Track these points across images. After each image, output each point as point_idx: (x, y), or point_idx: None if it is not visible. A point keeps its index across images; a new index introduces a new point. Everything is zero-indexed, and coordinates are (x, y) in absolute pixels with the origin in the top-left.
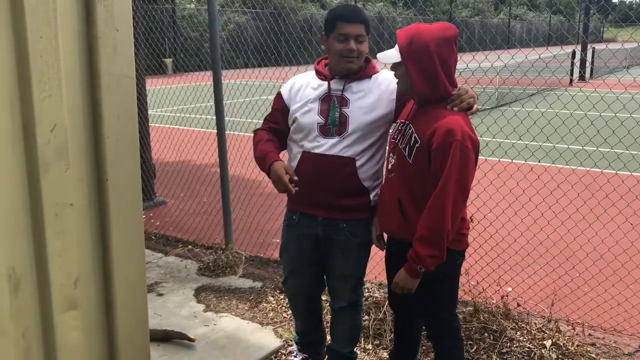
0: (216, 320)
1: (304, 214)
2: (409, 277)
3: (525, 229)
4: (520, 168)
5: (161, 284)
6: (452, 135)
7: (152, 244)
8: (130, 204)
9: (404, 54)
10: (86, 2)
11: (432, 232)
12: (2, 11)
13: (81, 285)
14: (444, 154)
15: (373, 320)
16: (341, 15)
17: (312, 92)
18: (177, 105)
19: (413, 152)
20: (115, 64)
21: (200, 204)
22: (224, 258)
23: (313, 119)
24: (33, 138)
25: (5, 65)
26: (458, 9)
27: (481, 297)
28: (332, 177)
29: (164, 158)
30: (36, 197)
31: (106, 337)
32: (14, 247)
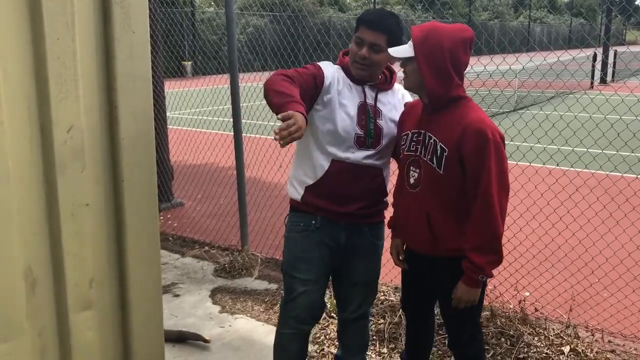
0: (231, 322)
1: (327, 219)
2: (471, 289)
3: (544, 232)
4: (538, 171)
5: (178, 285)
6: (484, 134)
7: (169, 245)
8: (146, 205)
9: (418, 48)
10: (103, 4)
11: (487, 238)
12: (21, 14)
13: (96, 285)
14: (479, 156)
15: (388, 324)
16: (365, 20)
17: (348, 94)
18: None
19: (442, 161)
20: (132, 66)
21: (217, 206)
22: (240, 260)
23: (351, 128)
24: (50, 139)
25: (24, 66)
26: (477, 12)
27: (498, 301)
28: (364, 188)
29: (182, 160)
30: (53, 197)
31: (121, 337)
32: (30, 247)
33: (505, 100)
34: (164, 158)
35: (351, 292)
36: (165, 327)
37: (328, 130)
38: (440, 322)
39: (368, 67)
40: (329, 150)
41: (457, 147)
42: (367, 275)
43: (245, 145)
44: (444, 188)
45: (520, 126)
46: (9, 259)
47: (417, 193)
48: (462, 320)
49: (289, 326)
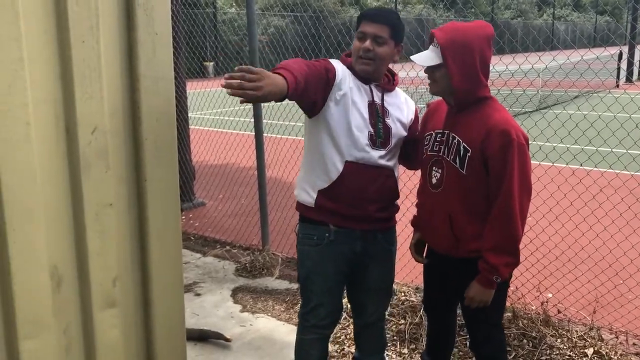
0: (252, 321)
1: (341, 228)
2: (484, 290)
3: (567, 233)
4: (561, 171)
5: (199, 284)
6: (508, 135)
7: (191, 245)
8: (169, 205)
9: (447, 52)
10: (127, 8)
11: (505, 239)
12: (47, 17)
13: (120, 283)
14: (503, 157)
15: (409, 325)
16: (365, 14)
17: (358, 95)
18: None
19: (465, 162)
20: (155, 67)
21: (238, 206)
22: (260, 259)
23: (364, 126)
24: (75, 139)
25: (50, 69)
26: (500, 10)
27: (520, 302)
28: (379, 189)
29: (203, 160)
30: (77, 197)
31: (144, 335)
32: (56, 246)
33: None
34: (185, 158)
35: (366, 298)
36: (187, 326)
37: (342, 129)
38: (461, 322)
39: (372, 60)
40: (343, 151)
41: (481, 147)
42: (382, 281)
43: (266, 145)
44: (466, 188)
45: (543, 126)
46: (36, 258)
47: (439, 193)
48: (481, 321)
49: (310, 332)
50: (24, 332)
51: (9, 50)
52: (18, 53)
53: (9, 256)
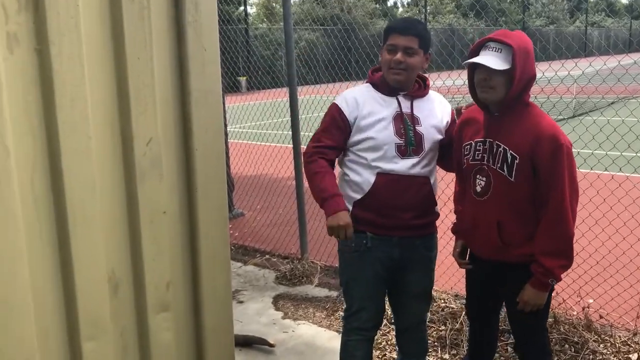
0: (294, 328)
1: (378, 236)
2: (539, 292)
3: (607, 238)
4: (600, 176)
5: (241, 292)
6: (558, 140)
7: (231, 254)
8: (218, 213)
9: (518, 56)
10: (177, 25)
11: (560, 241)
12: (105, 37)
13: (173, 288)
14: (554, 162)
15: (450, 330)
16: (394, 27)
17: (381, 109)
18: (253, 121)
19: (513, 169)
20: (204, 81)
21: (276, 216)
22: (300, 267)
23: (391, 139)
24: (131, 150)
25: (108, 84)
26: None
27: (561, 307)
28: (412, 197)
29: (242, 172)
30: (133, 205)
31: (195, 339)
32: (113, 251)
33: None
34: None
35: (406, 303)
36: None
37: (369, 145)
38: (502, 328)
39: (404, 70)
40: (373, 164)
41: (530, 154)
42: (422, 286)
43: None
44: (514, 195)
45: (580, 132)
46: (95, 263)
47: (485, 201)
48: (529, 325)
49: (354, 334)
50: (86, 333)
51: (72, 68)
52: (80, 71)
53: (71, 261)
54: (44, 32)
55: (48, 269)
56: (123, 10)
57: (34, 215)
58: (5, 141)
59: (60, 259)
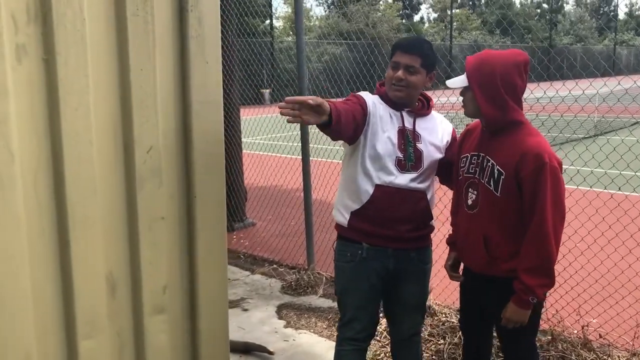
0: (295, 337)
1: (374, 246)
2: (520, 310)
3: (606, 257)
4: (599, 195)
5: (246, 300)
6: (541, 159)
7: (240, 262)
8: (216, 220)
9: (471, 77)
10: (181, 39)
11: (539, 260)
12: (110, 49)
13: (169, 291)
14: (536, 180)
15: (448, 344)
16: (400, 45)
17: (389, 121)
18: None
19: (500, 184)
20: (205, 93)
21: (286, 226)
22: (305, 278)
23: (392, 152)
24: (132, 158)
25: (111, 94)
26: (559, 36)
27: (560, 326)
28: (409, 210)
29: (256, 182)
30: (132, 210)
31: (190, 341)
32: (112, 254)
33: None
34: (238, 181)
35: (402, 314)
36: (234, 339)
37: (370, 154)
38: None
39: (405, 87)
40: (372, 175)
41: (515, 171)
42: (416, 298)
43: (312, 168)
44: (500, 210)
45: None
46: (94, 264)
47: (474, 214)
48: (516, 340)
49: (347, 344)
50: (83, 332)
51: (77, 78)
52: (84, 81)
53: (71, 261)
54: (51, 43)
55: (48, 268)
56: (128, 23)
57: (37, 217)
58: (11, 146)
59: (61, 260)
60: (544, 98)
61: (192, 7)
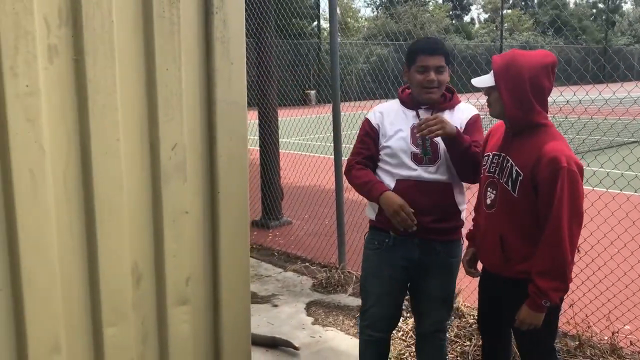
0: (322, 333)
1: (400, 236)
2: (534, 313)
3: (636, 261)
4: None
5: (277, 296)
6: (558, 162)
7: (274, 260)
8: (238, 215)
9: (499, 77)
10: (206, 40)
11: (554, 264)
12: (136, 49)
13: (192, 283)
14: (552, 184)
15: (474, 346)
16: (422, 49)
17: (401, 121)
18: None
19: (517, 185)
20: (230, 93)
21: (322, 226)
22: (336, 276)
23: (407, 148)
24: (157, 154)
25: (138, 92)
26: (615, 37)
27: (589, 331)
28: (431, 202)
29: (295, 182)
30: (157, 204)
31: (212, 332)
32: (137, 246)
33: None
34: (274, 180)
35: (427, 307)
36: (262, 333)
37: (387, 153)
38: None
39: (437, 88)
40: (392, 172)
41: (532, 173)
42: (442, 291)
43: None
44: (517, 211)
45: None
46: (120, 255)
47: (492, 214)
48: (532, 343)
49: (365, 333)
50: (108, 319)
51: (105, 77)
52: (112, 80)
53: (97, 252)
54: (80, 44)
55: (76, 258)
56: (154, 25)
57: (66, 210)
58: (42, 142)
59: (88, 250)
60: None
61: (217, 9)
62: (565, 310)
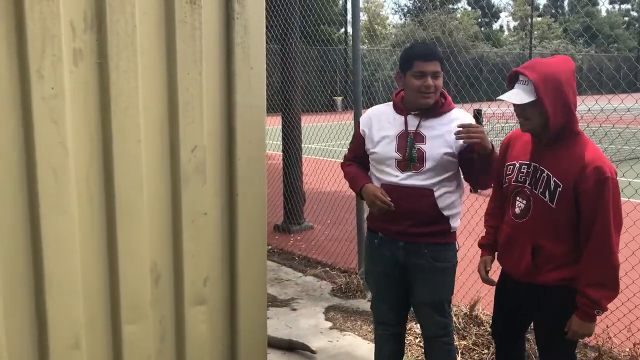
0: (339, 338)
1: (386, 237)
2: (586, 324)
3: None
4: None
5: (296, 300)
6: (603, 173)
7: (294, 264)
8: (256, 216)
9: (542, 90)
10: (227, 45)
11: (607, 274)
12: (158, 53)
13: (210, 283)
14: (598, 194)
15: (491, 354)
16: (419, 55)
17: (389, 127)
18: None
19: (556, 196)
20: (249, 97)
21: (343, 231)
22: (355, 282)
23: (391, 155)
24: (177, 156)
25: (159, 95)
26: None
27: (609, 342)
28: (411, 207)
29: (317, 187)
30: (177, 205)
31: (228, 332)
32: (156, 246)
33: None
34: (296, 185)
35: (419, 311)
36: (279, 336)
37: (373, 159)
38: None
39: (434, 93)
40: (377, 176)
41: (574, 183)
42: (429, 296)
43: None
44: (554, 221)
45: None
46: (140, 255)
47: (523, 224)
48: (556, 349)
49: (379, 327)
50: (127, 317)
51: (127, 80)
52: (134, 83)
53: (117, 251)
54: (104, 49)
55: (97, 257)
56: (176, 30)
57: (87, 209)
58: (66, 142)
59: (108, 249)
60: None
61: (238, 14)
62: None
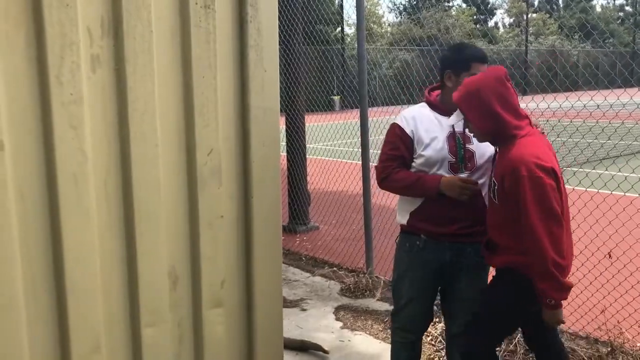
0: (350, 338)
1: (431, 239)
2: (548, 312)
3: None
4: None
5: (305, 300)
6: (517, 172)
7: (302, 264)
8: (272, 219)
9: (464, 106)
10: (240, 48)
11: (540, 266)
12: (174, 58)
13: (227, 286)
14: (516, 191)
15: (503, 352)
16: (478, 57)
17: (436, 128)
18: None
19: (496, 194)
20: (263, 99)
21: (350, 231)
22: (364, 281)
23: (444, 157)
24: (193, 160)
25: (175, 100)
26: None
27: (621, 337)
28: (463, 207)
29: (323, 187)
30: (194, 208)
31: (246, 334)
32: (174, 249)
33: None
34: (301, 185)
35: (457, 307)
36: (291, 337)
37: (423, 161)
38: None
39: None
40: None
41: (501, 184)
42: (472, 291)
43: (372, 173)
44: (497, 215)
45: None
46: (158, 258)
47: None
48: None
49: (398, 335)
50: (145, 320)
51: (144, 85)
52: (151, 87)
53: (136, 255)
54: (121, 54)
55: (116, 260)
56: (191, 35)
57: (106, 212)
58: (84, 147)
59: (127, 253)
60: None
61: (251, 18)
62: (597, 316)
